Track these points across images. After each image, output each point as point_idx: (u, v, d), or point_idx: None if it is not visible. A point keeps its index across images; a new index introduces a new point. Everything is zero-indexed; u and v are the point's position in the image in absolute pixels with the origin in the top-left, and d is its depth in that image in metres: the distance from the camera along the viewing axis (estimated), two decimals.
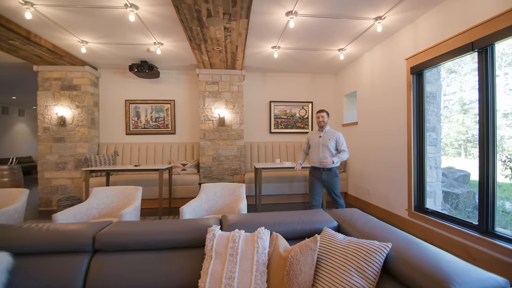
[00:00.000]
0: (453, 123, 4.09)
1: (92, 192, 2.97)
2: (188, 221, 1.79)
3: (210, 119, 5.19)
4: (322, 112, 3.32)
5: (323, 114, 3.30)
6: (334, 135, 3.25)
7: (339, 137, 3.24)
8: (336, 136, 3.23)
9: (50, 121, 4.95)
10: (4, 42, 3.73)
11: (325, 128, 3.32)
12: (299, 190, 5.12)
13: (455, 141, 4.15)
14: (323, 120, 3.29)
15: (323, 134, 3.30)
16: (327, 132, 3.30)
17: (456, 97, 3.98)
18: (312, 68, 5.45)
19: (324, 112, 3.32)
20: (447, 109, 4.00)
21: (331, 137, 3.24)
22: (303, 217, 1.85)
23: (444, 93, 3.89)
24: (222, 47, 3.98)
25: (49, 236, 1.58)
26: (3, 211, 2.66)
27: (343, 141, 3.25)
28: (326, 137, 3.26)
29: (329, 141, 3.22)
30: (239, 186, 3.12)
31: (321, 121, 3.30)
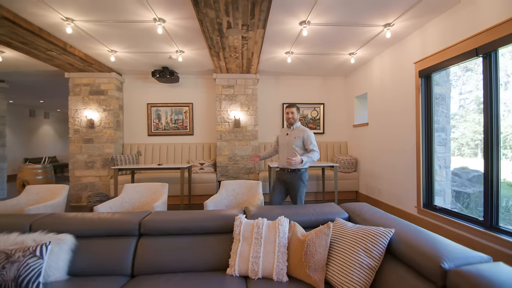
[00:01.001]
0: (469, 123, 4.11)
1: (124, 188, 3.30)
2: (217, 211, 2.06)
3: (226, 121, 5.48)
4: (291, 108, 2.94)
5: (292, 110, 2.93)
6: (301, 133, 2.89)
7: (308, 135, 2.86)
8: (303, 135, 2.87)
9: (80, 124, 5.37)
10: (43, 53, 4.14)
11: (294, 125, 2.99)
12: (311, 188, 5.33)
13: (471, 140, 4.19)
14: (292, 117, 2.92)
15: (291, 132, 2.97)
16: (295, 129, 2.96)
17: (472, 96, 4.00)
18: (324, 71, 5.65)
19: (293, 108, 2.94)
20: (463, 108, 3.97)
21: (298, 135, 2.89)
22: (317, 209, 2.09)
23: (460, 92, 3.94)
24: (239, 54, 4.25)
25: (104, 222, 1.89)
26: (48, 204, 3.02)
27: (313, 139, 2.87)
28: (293, 135, 2.92)
29: (295, 140, 2.88)
30: (256, 183, 3.38)
31: (290, 118, 2.93)
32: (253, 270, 1.61)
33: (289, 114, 2.95)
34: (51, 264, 1.59)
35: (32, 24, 3.32)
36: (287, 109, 2.98)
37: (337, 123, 6.07)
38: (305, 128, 2.97)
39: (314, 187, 5.34)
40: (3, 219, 1.93)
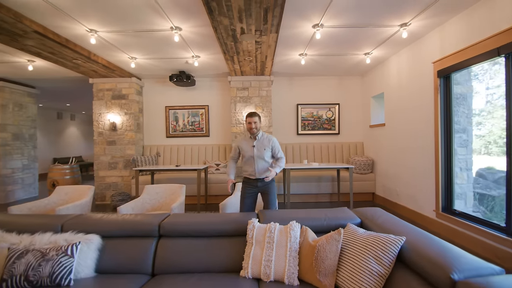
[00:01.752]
0: (497, 119, 3.90)
1: (145, 189, 3.48)
2: (231, 215, 2.15)
3: (241, 122, 5.57)
4: (253, 117, 2.69)
5: (255, 120, 2.68)
6: (268, 142, 2.75)
7: (274, 143, 2.77)
8: (271, 143, 2.75)
9: (104, 127, 5.67)
10: (69, 61, 4.41)
11: (258, 134, 2.75)
12: (326, 189, 5.32)
13: (499, 138, 3.99)
14: (255, 127, 2.68)
15: (256, 143, 2.73)
16: (260, 139, 2.75)
17: (500, 91, 3.78)
18: (339, 71, 5.59)
19: (256, 117, 2.70)
20: (490, 104, 3.80)
21: (266, 145, 2.73)
22: (329, 214, 2.12)
23: (487, 87, 3.76)
24: (253, 57, 4.31)
25: (127, 223, 2.03)
26: (76, 204, 3.25)
27: (278, 146, 2.79)
28: (261, 147, 2.72)
29: (265, 152, 2.72)
30: None
31: (253, 128, 2.68)
32: (265, 273, 1.68)
33: (251, 124, 2.68)
34: (81, 262, 1.74)
35: (59, 36, 3.56)
36: (249, 119, 2.70)
37: (352, 124, 5.99)
38: (268, 136, 2.80)
39: (329, 188, 5.32)
40: (39, 220, 2.12)
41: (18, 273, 1.56)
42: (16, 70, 5.11)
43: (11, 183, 5.94)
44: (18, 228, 1.98)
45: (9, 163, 5.90)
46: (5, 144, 5.82)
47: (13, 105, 6.03)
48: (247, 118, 2.72)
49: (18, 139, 6.15)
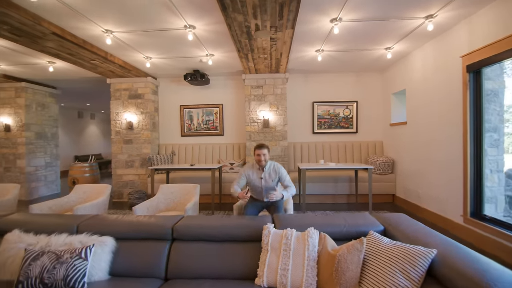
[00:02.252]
0: None
1: (159, 188, 3.48)
2: (246, 219, 2.08)
3: (255, 121, 5.49)
4: (262, 149, 2.74)
5: (264, 151, 2.73)
6: (276, 172, 2.80)
7: (281, 173, 2.80)
8: (278, 173, 2.80)
9: (121, 126, 5.77)
10: (87, 62, 4.49)
11: (266, 166, 2.79)
12: (344, 190, 5.14)
13: None
14: (264, 159, 2.73)
15: (264, 175, 2.78)
16: (268, 170, 2.80)
17: None
18: (357, 67, 5.37)
19: (265, 149, 2.75)
20: None
21: (274, 176, 2.80)
22: (349, 220, 2.00)
23: None
24: (268, 55, 4.21)
25: (140, 225, 2.01)
26: (94, 203, 3.30)
27: (286, 174, 2.82)
28: (269, 179, 2.79)
29: (273, 182, 2.81)
30: None
31: (262, 160, 2.73)
32: (282, 282, 1.59)
33: (260, 156, 2.72)
34: (94, 265, 1.73)
35: (77, 37, 3.61)
36: (258, 151, 2.74)
37: (371, 122, 5.75)
38: (275, 165, 2.83)
39: (346, 189, 5.14)
40: (56, 220, 2.14)
41: (34, 275, 1.56)
42: (37, 71, 5.28)
43: (35, 180, 6.19)
44: (36, 228, 2.01)
45: (32, 161, 6.14)
46: (29, 143, 6.06)
47: (36, 105, 6.26)
48: (255, 150, 2.77)
49: (41, 138, 6.39)
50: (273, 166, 2.83)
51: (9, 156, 6.01)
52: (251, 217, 2.12)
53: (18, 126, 5.98)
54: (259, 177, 2.80)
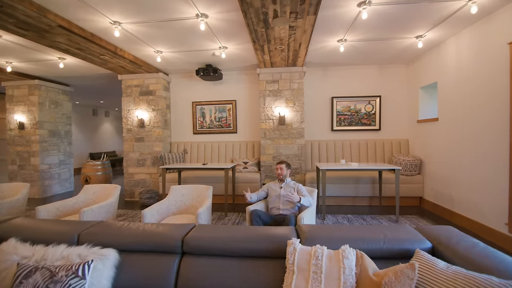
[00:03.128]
0: None
1: (170, 190, 3.27)
2: (265, 231, 1.80)
3: (270, 118, 5.20)
4: (281, 164, 3.18)
5: (282, 166, 3.16)
6: (295, 185, 3.09)
7: (299, 186, 3.08)
8: (296, 186, 3.06)
9: (132, 123, 5.63)
10: (97, 57, 4.34)
11: (286, 179, 3.15)
12: (365, 192, 4.78)
13: None
14: (281, 173, 3.13)
15: (284, 185, 3.10)
16: (288, 184, 3.12)
17: None
18: (381, 59, 4.96)
19: (283, 164, 3.18)
20: None
21: (292, 187, 3.06)
22: (389, 233, 1.68)
23: None
24: (285, 46, 3.90)
25: (146, 236, 1.77)
26: (102, 204, 3.13)
27: (304, 189, 3.04)
28: (287, 189, 3.04)
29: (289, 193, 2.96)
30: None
31: (279, 174, 3.14)
32: None
33: (278, 170, 3.16)
34: (94, 283, 1.51)
35: (84, 30, 3.43)
36: (278, 165, 3.19)
37: (396, 118, 5.33)
38: (295, 183, 3.14)
39: (368, 190, 4.77)
40: (56, 227, 1.95)
41: None
42: (49, 68, 5.20)
43: (48, 178, 6.18)
44: (34, 236, 1.82)
45: (46, 159, 6.12)
46: (42, 141, 6.04)
47: (49, 103, 6.23)
48: (277, 165, 3.22)
49: (55, 135, 6.37)
50: (293, 182, 3.14)
51: (23, 154, 6.01)
52: (273, 228, 1.84)
53: (32, 123, 5.97)
54: (279, 186, 3.12)
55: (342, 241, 1.58)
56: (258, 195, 3.19)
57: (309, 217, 2.72)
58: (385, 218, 4.14)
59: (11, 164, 6.09)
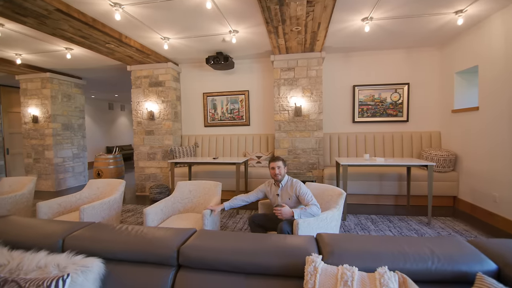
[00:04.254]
0: None
1: (176, 186, 3.02)
2: (280, 240, 1.48)
3: (285, 109, 4.82)
4: (276, 161, 2.49)
5: (278, 164, 2.47)
6: (292, 188, 2.44)
7: (299, 190, 2.38)
8: (294, 191, 2.41)
9: (142, 116, 5.46)
10: (103, 46, 4.14)
11: (282, 181, 2.50)
12: (391, 190, 4.33)
13: None
14: (279, 172, 2.46)
15: (280, 192, 2.50)
16: (285, 187, 2.49)
17: None
18: (410, 41, 4.42)
19: (279, 161, 2.49)
20: None
21: (290, 193, 2.45)
22: (436, 248, 1.31)
23: None
24: (302, 27, 3.49)
25: (138, 244, 1.50)
26: (104, 201, 2.93)
27: (306, 191, 2.35)
28: (285, 196, 2.47)
29: (289, 201, 2.44)
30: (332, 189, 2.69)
31: (277, 174, 2.47)
32: None
33: (275, 169, 2.48)
34: None
35: (85, 14, 3.21)
36: (272, 163, 2.51)
37: (426, 108, 4.78)
38: (293, 181, 2.49)
39: (394, 188, 4.32)
40: (41, 229, 1.73)
41: None
42: (57, 59, 5.09)
43: (63, 172, 6.18)
44: (15, 240, 1.61)
45: (60, 152, 6.11)
46: (56, 134, 6.02)
47: (61, 96, 6.19)
48: (270, 163, 2.53)
49: (68, 129, 6.34)
50: (290, 182, 2.50)
51: (38, 148, 6.03)
52: (288, 238, 1.51)
53: (45, 117, 5.95)
54: (276, 193, 2.53)
55: (376, 258, 1.24)
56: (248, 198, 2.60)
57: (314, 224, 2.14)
58: (414, 220, 3.69)
59: (27, 157, 6.14)
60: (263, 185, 2.71)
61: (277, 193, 2.51)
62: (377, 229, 3.34)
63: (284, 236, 1.55)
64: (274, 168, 2.47)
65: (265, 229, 2.50)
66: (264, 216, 2.54)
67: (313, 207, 2.18)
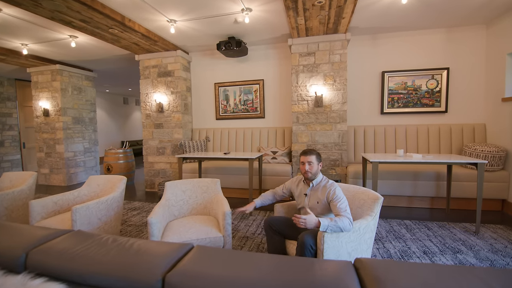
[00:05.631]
0: None
1: (166, 188, 2.64)
2: (305, 265, 1.06)
3: (304, 99, 4.34)
4: (308, 155, 2.04)
5: (311, 159, 2.03)
6: (324, 193, 1.98)
7: (333, 193, 1.91)
8: (327, 195, 1.94)
9: (151, 108, 5.17)
10: (106, 32, 3.84)
11: (314, 180, 2.07)
12: (426, 191, 3.76)
13: None
14: (310, 169, 2.02)
15: (310, 192, 2.08)
16: (316, 187, 2.07)
17: None
18: (450, 19, 3.78)
19: (313, 155, 2.04)
20: None
21: (320, 196, 2.00)
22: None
23: None
24: (325, 1, 2.99)
25: (115, 266, 1.14)
26: (101, 200, 2.62)
27: (341, 197, 1.87)
28: (314, 198, 2.04)
29: (318, 205, 2.00)
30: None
31: (307, 171, 2.03)
32: None
33: (305, 164, 2.04)
34: None
35: None
36: (303, 157, 2.06)
37: (469, 97, 4.13)
38: (328, 182, 2.04)
39: (431, 189, 3.74)
40: (6, 237, 1.41)
41: None
42: (63, 49, 4.88)
43: (74, 166, 6.06)
44: None
45: (70, 146, 5.98)
46: (66, 128, 5.88)
47: (72, 89, 6.04)
48: (301, 156, 2.09)
49: (79, 122, 6.20)
50: (324, 183, 2.06)
51: (49, 141, 5.93)
52: (316, 263, 1.09)
53: (56, 110, 5.82)
54: (304, 193, 2.13)
55: None
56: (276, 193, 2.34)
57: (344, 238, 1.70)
58: (457, 227, 3.13)
59: (39, 151, 6.06)
60: (290, 180, 2.33)
61: (305, 193, 2.10)
62: (414, 238, 2.83)
63: (311, 262, 1.12)
64: (304, 163, 2.04)
65: (284, 236, 2.10)
66: (284, 221, 2.12)
67: (344, 219, 1.71)
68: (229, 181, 4.49)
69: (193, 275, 1.05)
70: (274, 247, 2.09)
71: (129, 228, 3.32)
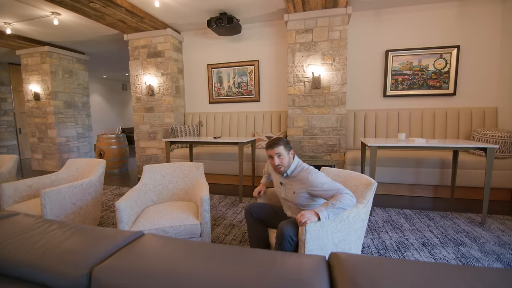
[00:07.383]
0: None
1: (144, 171, 2.44)
2: (262, 265, 0.85)
3: (301, 80, 4.06)
4: (276, 147, 1.74)
5: (278, 151, 1.73)
6: (301, 183, 1.70)
7: (313, 181, 1.64)
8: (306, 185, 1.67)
9: (141, 91, 4.95)
10: (87, 7, 3.58)
11: (288, 169, 1.77)
12: (430, 179, 3.51)
13: None
14: (281, 163, 1.74)
15: (285, 181, 1.82)
16: (290, 178, 1.78)
17: None
18: None
19: (280, 146, 1.74)
20: None
21: (297, 185, 1.72)
22: None
23: None
24: None
25: (42, 255, 0.95)
26: (76, 184, 2.45)
27: (323, 181, 1.61)
28: (290, 189, 1.77)
29: (295, 196, 1.73)
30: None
31: (278, 165, 1.75)
32: None
33: (273, 158, 1.75)
34: None
35: None
36: (269, 151, 1.77)
37: (481, 78, 3.80)
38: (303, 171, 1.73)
39: (434, 177, 3.49)
40: None
41: None
42: (49, 29, 4.64)
43: (67, 151, 5.94)
44: None
45: (63, 131, 5.84)
46: (58, 112, 5.73)
47: (62, 72, 5.83)
48: (267, 150, 1.80)
49: (71, 107, 6.03)
50: (299, 169, 1.76)
51: (41, 126, 5.79)
52: (280, 256, 0.88)
53: (46, 94, 5.64)
54: (280, 181, 1.88)
55: None
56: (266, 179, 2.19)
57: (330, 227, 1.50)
58: (462, 217, 2.90)
59: (31, 136, 5.95)
60: (266, 165, 2.16)
61: (281, 181, 1.87)
62: (413, 229, 2.61)
63: (274, 254, 0.91)
64: (272, 157, 1.76)
65: (267, 225, 1.91)
66: (267, 208, 1.93)
67: (344, 196, 1.48)
68: (221, 167, 4.31)
69: (127, 269, 0.86)
70: (256, 237, 1.91)
71: (112, 214, 3.17)
